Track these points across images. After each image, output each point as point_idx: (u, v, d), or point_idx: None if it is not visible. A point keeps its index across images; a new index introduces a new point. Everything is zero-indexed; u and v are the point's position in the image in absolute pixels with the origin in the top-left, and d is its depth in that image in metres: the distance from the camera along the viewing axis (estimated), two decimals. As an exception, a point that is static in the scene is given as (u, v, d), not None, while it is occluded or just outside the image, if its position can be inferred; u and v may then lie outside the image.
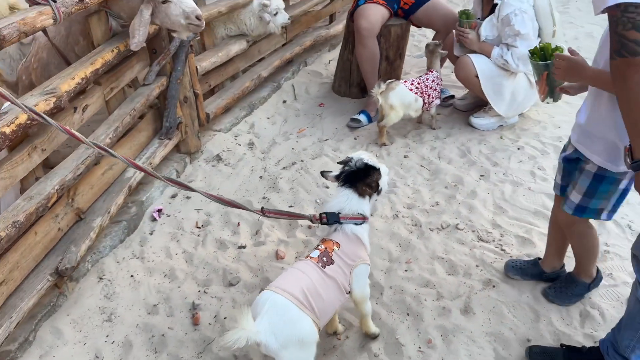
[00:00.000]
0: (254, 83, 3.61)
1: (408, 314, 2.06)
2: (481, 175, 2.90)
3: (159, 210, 2.63)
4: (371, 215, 1.97)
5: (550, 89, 1.79)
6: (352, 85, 3.73)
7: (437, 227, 2.53)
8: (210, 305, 2.12)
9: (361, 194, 1.80)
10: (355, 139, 3.29)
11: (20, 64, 2.51)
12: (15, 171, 1.74)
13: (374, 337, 1.94)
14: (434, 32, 3.65)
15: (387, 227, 2.53)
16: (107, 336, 1.99)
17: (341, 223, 1.76)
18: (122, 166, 2.44)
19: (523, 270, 2.17)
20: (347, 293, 1.74)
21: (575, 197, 1.77)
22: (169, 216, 2.63)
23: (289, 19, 3.39)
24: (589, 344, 1.88)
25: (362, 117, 3.42)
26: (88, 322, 2.04)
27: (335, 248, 1.73)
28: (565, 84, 1.77)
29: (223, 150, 3.17)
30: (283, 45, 4.04)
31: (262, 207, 1.80)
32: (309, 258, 1.70)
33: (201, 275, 2.28)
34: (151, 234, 2.51)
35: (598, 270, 2.07)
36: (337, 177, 1.84)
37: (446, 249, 2.39)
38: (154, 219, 2.60)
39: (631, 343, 1.57)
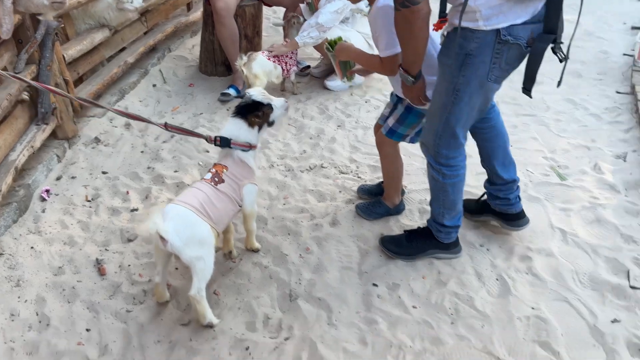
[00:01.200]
0: (121, 69, 3.77)
1: (289, 234, 2.48)
2: (338, 125, 3.42)
3: (47, 191, 2.76)
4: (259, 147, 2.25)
5: (344, 72, 2.41)
6: (218, 64, 4.05)
7: (306, 168, 2.98)
8: (114, 259, 2.35)
9: (250, 124, 2.13)
10: (227, 110, 3.64)
11: None
12: None
13: (256, 250, 2.35)
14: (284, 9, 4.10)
15: (265, 175, 2.92)
16: (19, 297, 2.14)
17: (231, 147, 2.09)
18: (6, 149, 2.54)
19: (370, 191, 2.70)
20: (239, 206, 2.13)
21: (391, 121, 2.32)
22: (57, 195, 2.77)
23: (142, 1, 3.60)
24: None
25: (231, 91, 3.77)
26: (-4, 291, 2.17)
27: (225, 170, 2.10)
28: (356, 67, 2.38)
29: (100, 133, 3.33)
30: (145, 33, 4.22)
31: (165, 122, 2.11)
32: (203, 180, 2.07)
33: (99, 237, 2.49)
34: (43, 211, 2.64)
35: (402, 202, 2.60)
36: (234, 110, 2.17)
37: (315, 184, 2.85)
38: (44, 199, 2.72)
39: (440, 210, 2.16)
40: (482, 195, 2.46)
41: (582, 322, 2.02)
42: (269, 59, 3.50)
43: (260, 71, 3.42)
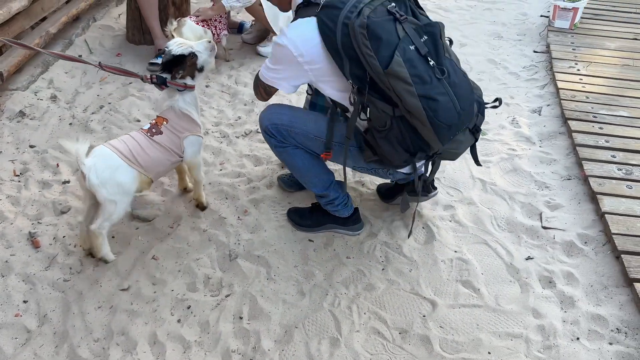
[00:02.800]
0: (43, 40, 3.60)
1: (227, 198, 2.53)
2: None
3: (-30, 167, 2.65)
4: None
5: None
6: (145, 33, 3.94)
7: (242, 134, 3.01)
8: (47, 231, 2.32)
9: (181, 77, 2.13)
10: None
11: None
12: None
13: (203, 208, 2.41)
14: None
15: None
16: (-54, 275, 2.09)
17: (167, 86, 2.12)
18: None
19: None
20: (179, 157, 2.18)
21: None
22: (-18, 171, 2.68)
23: None
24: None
25: (159, 59, 3.69)
26: None
27: (165, 123, 2.14)
28: None
29: (25, 107, 3.20)
30: (67, 2, 4.03)
31: (100, 62, 2.09)
32: (140, 129, 2.12)
33: (31, 211, 2.44)
34: (-33, 188, 2.55)
35: None
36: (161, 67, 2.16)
37: (251, 149, 2.89)
38: (-33, 176, 2.62)
39: (303, 180, 2.22)
40: None
41: (499, 261, 2.22)
42: (197, 24, 3.45)
43: (191, 36, 3.38)
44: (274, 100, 2.76)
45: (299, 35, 1.77)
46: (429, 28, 1.74)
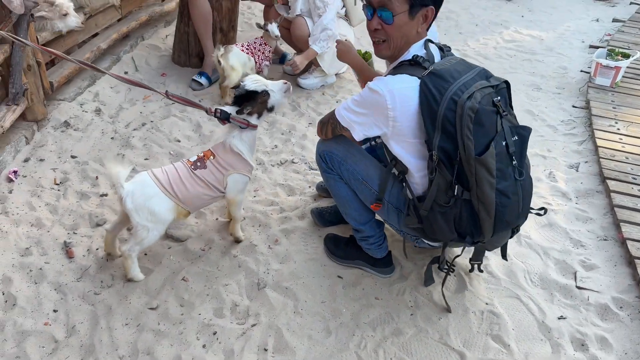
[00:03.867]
0: (93, 54, 3.73)
1: (259, 225, 2.54)
2: (309, 123, 3.50)
3: (15, 172, 2.72)
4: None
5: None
6: (192, 56, 4.06)
7: (277, 163, 3.05)
8: (82, 242, 2.36)
9: (250, 113, 2.14)
10: (199, 100, 3.65)
11: None
12: None
13: (238, 241, 2.40)
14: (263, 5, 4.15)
15: (235, 167, 2.97)
16: (-17, 277, 2.13)
17: (230, 121, 2.12)
18: (-27, 127, 2.51)
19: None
20: (220, 193, 2.18)
21: None
22: (25, 177, 2.74)
23: (80, 24, 3.50)
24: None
25: (203, 80, 3.79)
26: (-41, 270, 2.15)
27: (211, 157, 2.15)
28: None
29: (70, 117, 3.29)
30: (119, 20, 4.19)
31: (167, 91, 2.11)
32: (186, 160, 2.15)
33: (68, 221, 2.49)
34: (10, 192, 2.61)
35: None
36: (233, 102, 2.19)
37: (285, 178, 2.92)
38: (11, 180, 2.69)
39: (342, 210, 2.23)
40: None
41: (531, 317, 2.16)
42: (242, 51, 3.54)
43: (236, 62, 3.47)
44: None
45: (400, 90, 1.76)
46: (520, 130, 1.80)
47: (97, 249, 2.32)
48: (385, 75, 1.88)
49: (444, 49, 1.89)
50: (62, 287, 2.12)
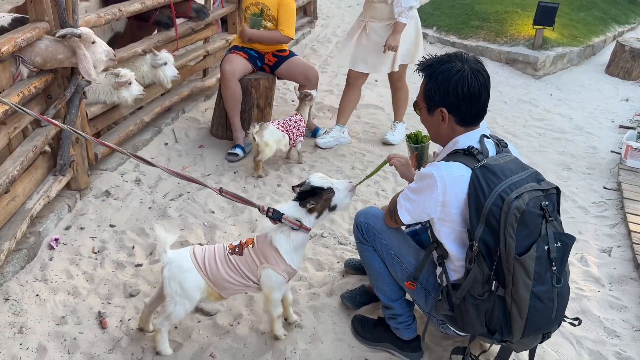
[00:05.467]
0: (137, 127, 3.96)
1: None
2: (339, 197, 3.57)
3: (56, 240, 2.85)
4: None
5: (419, 163, 2.41)
6: (229, 129, 4.24)
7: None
8: (115, 313, 2.42)
9: (309, 211, 2.11)
10: (234, 173, 3.80)
11: None
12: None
13: (276, 339, 2.30)
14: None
15: (265, 241, 3.04)
16: (20, 344, 2.19)
17: (282, 221, 2.08)
18: (24, 197, 2.67)
19: (357, 266, 2.76)
20: (254, 284, 2.16)
21: None
22: (65, 244, 2.86)
23: (177, 74, 3.90)
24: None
25: (238, 150, 3.96)
26: (0, 336, 2.23)
27: (251, 246, 2.16)
28: (431, 155, 2.36)
29: (111, 187, 3.46)
30: (162, 94, 4.46)
31: (221, 187, 2.10)
32: (228, 244, 2.20)
33: (103, 290, 2.56)
34: (50, 259, 2.73)
35: None
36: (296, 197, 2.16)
37: (314, 252, 2.96)
38: (52, 247, 2.81)
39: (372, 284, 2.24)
40: None
41: (565, 412, 2.08)
42: (277, 129, 3.71)
43: (270, 140, 3.62)
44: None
45: (452, 178, 1.81)
46: (564, 238, 1.83)
47: (129, 320, 2.37)
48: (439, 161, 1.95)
49: (499, 144, 1.96)
50: (94, 358, 2.16)
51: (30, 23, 2.72)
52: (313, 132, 4.44)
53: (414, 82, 4.54)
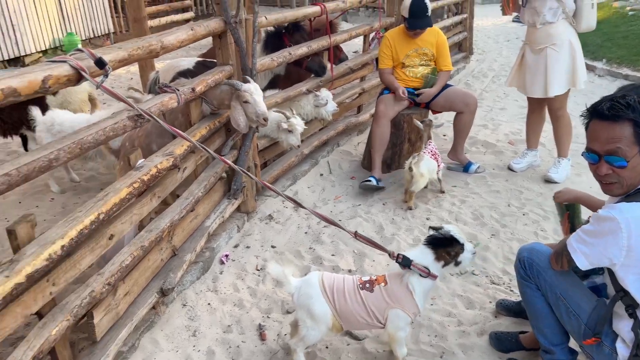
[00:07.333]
0: (297, 158, 4.30)
1: (435, 335, 2.54)
2: (492, 234, 3.45)
3: (226, 256, 3.20)
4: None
5: (572, 226, 2.27)
6: (381, 161, 4.39)
7: (456, 273, 3.05)
8: (273, 327, 2.63)
9: (438, 258, 2.15)
10: (383, 204, 3.90)
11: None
12: (141, 210, 2.37)
13: None
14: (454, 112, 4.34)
15: (414, 272, 3.05)
16: (194, 346, 2.49)
17: (410, 268, 2.12)
18: (203, 216, 3.07)
19: (510, 308, 2.62)
20: (379, 323, 2.19)
21: None
22: (234, 261, 3.20)
23: (337, 107, 4.24)
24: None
25: (372, 180, 4.02)
26: (177, 336, 2.56)
27: (382, 284, 2.20)
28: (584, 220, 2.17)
29: (274, 211, 3.78)
30: (320, 129, 4.79)
31: (356, 231, 2.22)
32: (358, 277, 2.26)
33: (264, 305, 2.80)
34: (221, 273, 3.07)
35: None
36: (427, 239, 2.21)
37: (464, 289, 2.90)
38: (222, 262, 3.16)
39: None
40: None
41: None
42: (430, 158, 3.74)
43: (425, 170, 3.66)
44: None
45: (636, 218, 1.71)
46: None
47: (285, 335, 2.56)
48: (616, 203, 1.82)
49: None
50: (253, 366, 2.37)
51: (217, 67, 3.17)
52: (465, 167, 4.37)
53: (573, 112, 4.24)
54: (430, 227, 2.30)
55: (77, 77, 1.74)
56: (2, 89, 1.49)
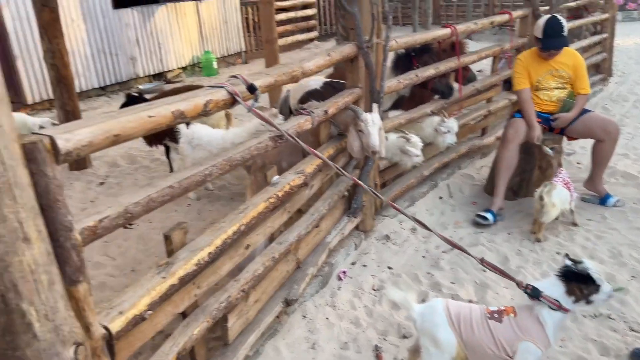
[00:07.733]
0: (417, 180, 4.27)
1: (563, 380, 2.38)
2: (632, 276, 3.15)
3: (344, 272, 3.27)
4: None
5: None
6: (505, 189, 4.21)
7: (590, 314, 2.82)
8: (390, 350, 2.63)
9: (569, 292, 2.05)
10: (508, 234, 3.73)
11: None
12: (274, 224, 2.52)
13: None
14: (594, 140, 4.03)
15: (540, 309, 2.88)
16: (312, 358, 2.58)
17: (540, 300, 2.04)
18: (325, 232, 3.17)
19: None
20: (507, 356, 2.08)
21: None
22: (351, 278, 3.26)
23: (455, 142, 4.16)
24: None
25: (489, 215, 3.84)
26: (298, 347, 2.66)
27: (512, 315, 2.11)
28: None
29: (391, 232, 3.79)
30: (442, 152, 4.71)
31: (482, 258, 2.18)
32: (485, 307, 2.20)
33: (380, 326, 2.82)
34: (339, 289, 3.14)
35: None
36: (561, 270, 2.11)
37: (599, 334, 2.67)
38: (340, 279, 3.23)
39: None
40: None
41: None
42: (563, 188, 3.52)
43: (558, 200, 3.45)
44: None
45: None
46: None
47: (401, 359, 2.55)
48: None
49: None
50: (369, 386, 2.39)
51: (346, 89, 3.27)
52: (602, 199, 4.04)
53: None
54: (567, 256, 2.16)
55: (232, 101, 1.92)
56: (173, 111, 1.69)
